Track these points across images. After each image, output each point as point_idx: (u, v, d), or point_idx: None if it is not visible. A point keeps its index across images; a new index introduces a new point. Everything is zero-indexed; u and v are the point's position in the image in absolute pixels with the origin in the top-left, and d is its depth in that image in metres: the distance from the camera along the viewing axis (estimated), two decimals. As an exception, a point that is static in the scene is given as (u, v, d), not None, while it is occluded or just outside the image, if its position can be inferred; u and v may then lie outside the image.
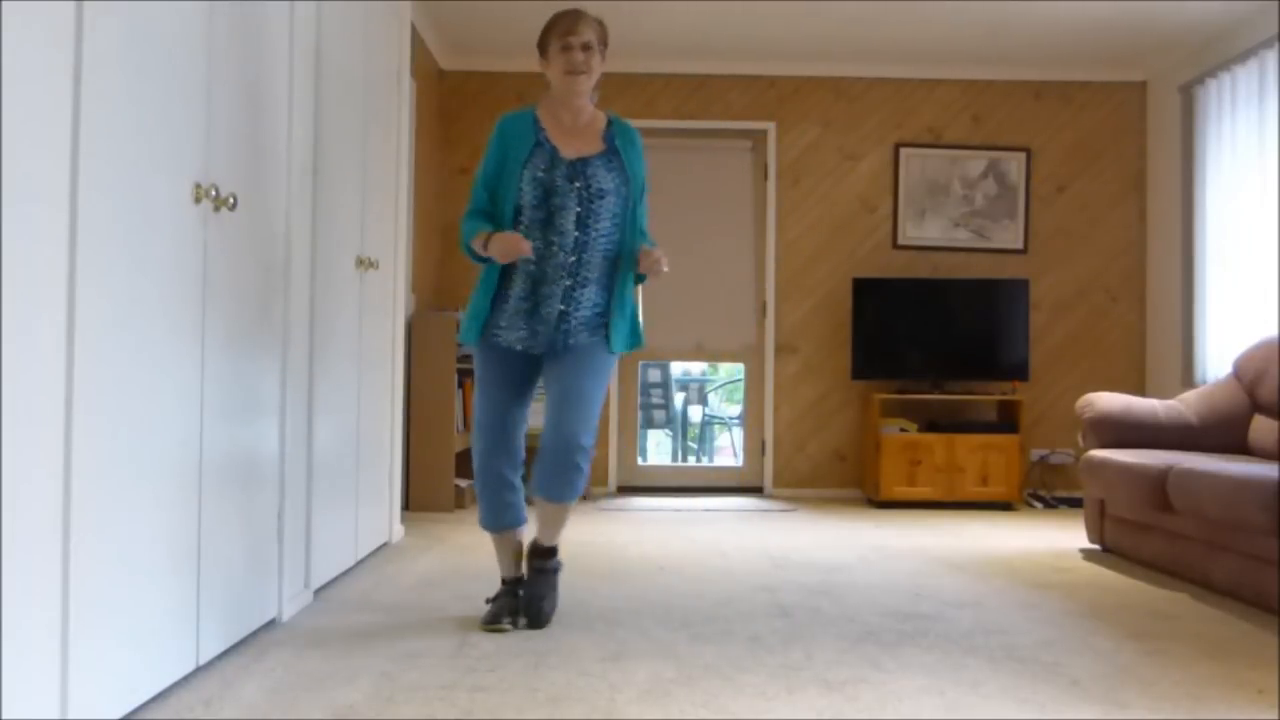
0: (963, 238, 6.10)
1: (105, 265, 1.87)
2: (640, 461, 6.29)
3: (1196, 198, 5.51)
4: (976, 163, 6.12)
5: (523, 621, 2.85)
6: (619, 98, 6.09)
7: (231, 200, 2.38)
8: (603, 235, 2.87)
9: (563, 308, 2.85)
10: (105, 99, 1.86)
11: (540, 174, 2.84)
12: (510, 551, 3.00)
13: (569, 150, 2.88)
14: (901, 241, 6.10)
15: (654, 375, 7.24)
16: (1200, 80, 5.50)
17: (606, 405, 6.06)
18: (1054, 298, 6.10)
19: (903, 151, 6.12)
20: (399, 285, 4.20)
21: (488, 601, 2.97)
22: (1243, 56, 5.10)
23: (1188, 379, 5.55)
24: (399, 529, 4.23)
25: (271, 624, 2.80)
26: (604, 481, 6.05)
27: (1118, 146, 6.14)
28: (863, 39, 5.65)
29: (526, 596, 2.90)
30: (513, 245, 2.75)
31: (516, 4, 5.17)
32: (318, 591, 3.21)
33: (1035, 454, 6.01)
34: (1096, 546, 4.33)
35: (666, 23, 5.41)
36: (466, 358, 5.55)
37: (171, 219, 2.14)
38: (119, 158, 1.92)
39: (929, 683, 2.37)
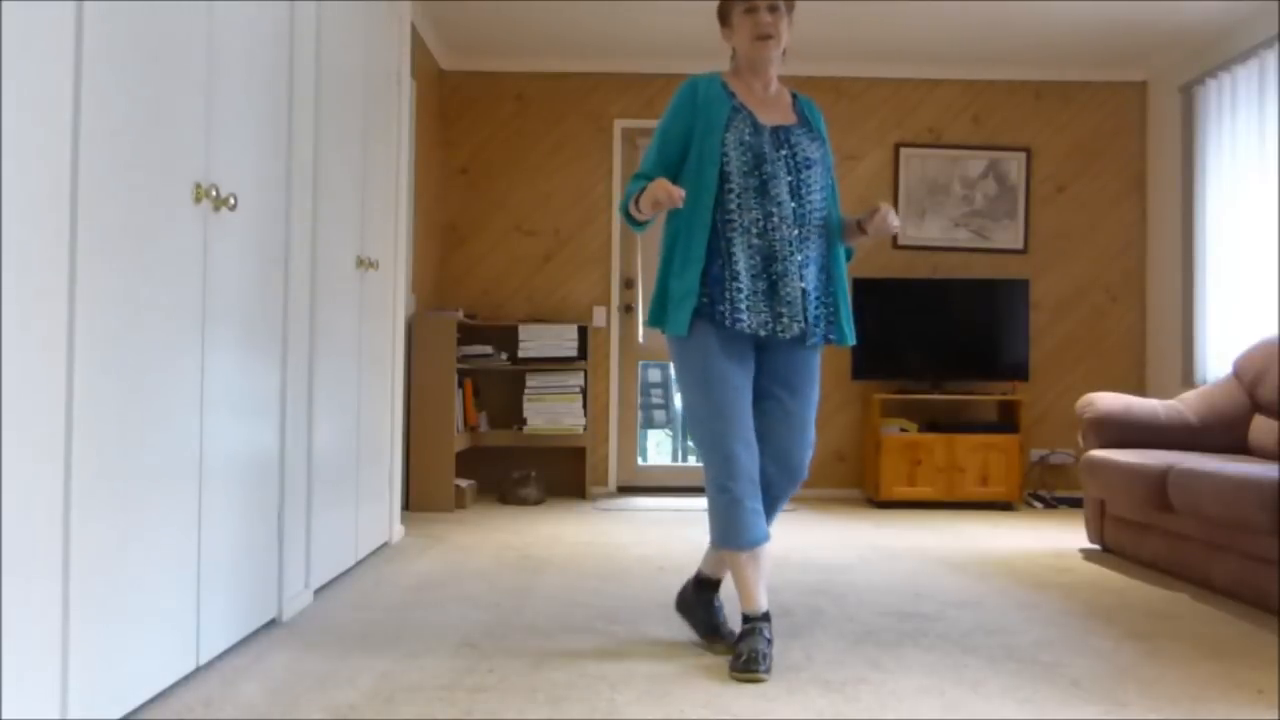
0: (963, 238, 6.10)
1: (105, 265, 1.87)
2: (640, 461, 6.28)
3: (1196, 198, 5.51)
4: (976, 163, 6.12)
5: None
6: (619, 98, 6.09)
7: (231, 200, 2.38)
8: (816, 209, 2.61)
9: (803, 286, 2.56)
10: (105, 99, 1.86)
11: (747, 138, 2.57)
12: (757, 568, 2.58)
13: (766, 118, 2.63)
14: (902, 242, 6.10)
15: (654, 375, 7.23)
16: (1200, 80, 5.50)
17: (606, 405, 6.06)
18: (1054, 298, 6.10)
19: (903, 151, 6.12)
20: (399, 285, 4.20)
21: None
22: (1243, 56, 5.10)
23: (1188, 379, 5.55)
24: (399, 529, 4.23)
25: (271, 624, 2.81)
26: (604, 481, 6.05)
27: (1118, 146, 6.14)
28: (863, 39, 5.65)
29: (750, 651, 2.45)
30: (661, 190, 2.41)
31: (516, 4, 5.17)
32: (318, 591, 3.21)
33: (1035, 454, 6.01)
34: (1096, 546, 4.33)
35: (666, 23, 5.40)
36: (466, 358, 5.54)
37: (171, 219, 2.14)
38: (119, 158, 1.92)
39: (929, 683, 2.37)
